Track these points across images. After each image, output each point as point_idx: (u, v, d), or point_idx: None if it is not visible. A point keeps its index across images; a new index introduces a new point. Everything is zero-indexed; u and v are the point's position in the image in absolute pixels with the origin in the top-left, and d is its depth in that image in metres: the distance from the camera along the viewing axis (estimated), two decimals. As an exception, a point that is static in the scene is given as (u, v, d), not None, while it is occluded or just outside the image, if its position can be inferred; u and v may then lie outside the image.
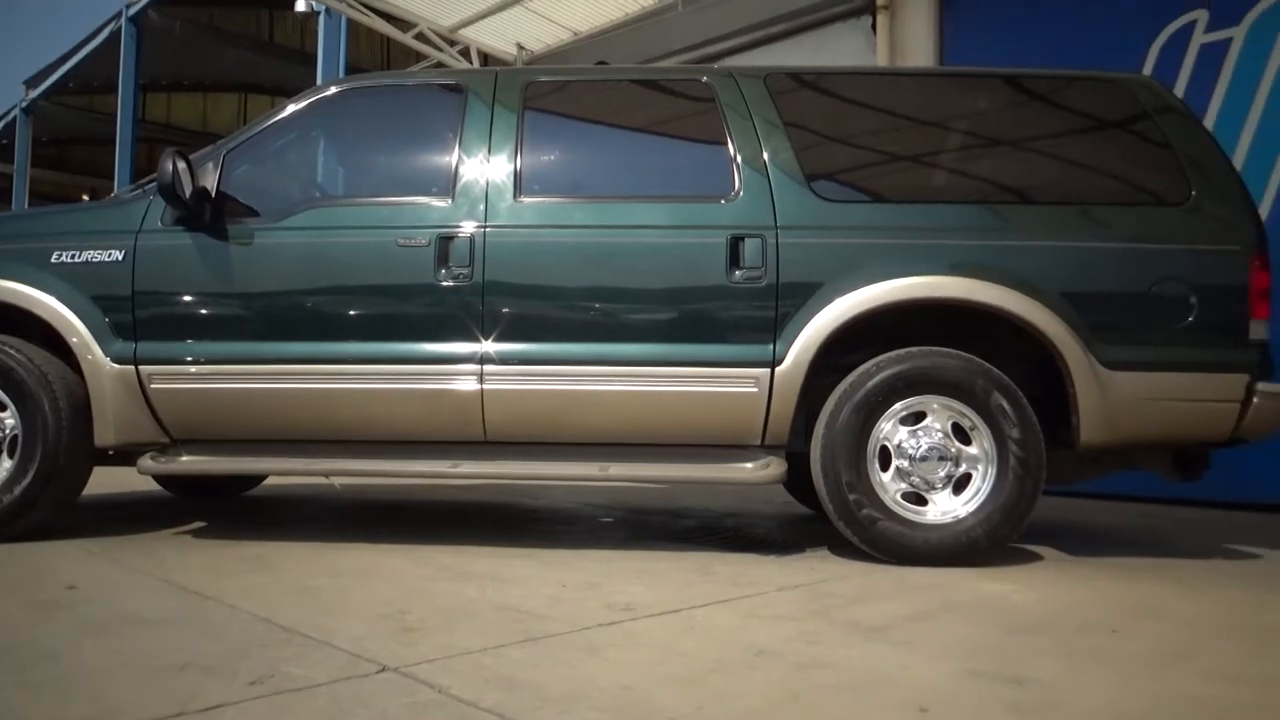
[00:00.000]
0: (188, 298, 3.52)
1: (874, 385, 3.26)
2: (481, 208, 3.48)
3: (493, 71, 3.86)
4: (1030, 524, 3.30)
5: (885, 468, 3.29)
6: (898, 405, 3.28)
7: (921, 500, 3.28)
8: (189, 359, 3.48)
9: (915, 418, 3.30)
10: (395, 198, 3.61)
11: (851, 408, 3.27)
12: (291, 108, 3.73)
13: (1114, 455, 3.54)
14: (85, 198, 18.69)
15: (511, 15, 8.41)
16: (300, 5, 9.85)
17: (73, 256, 3.53)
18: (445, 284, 3.42)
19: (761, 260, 3.35)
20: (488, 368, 3.39)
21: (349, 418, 3.49)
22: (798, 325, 3.32)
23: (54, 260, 3.53)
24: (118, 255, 3.52)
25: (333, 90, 3.84)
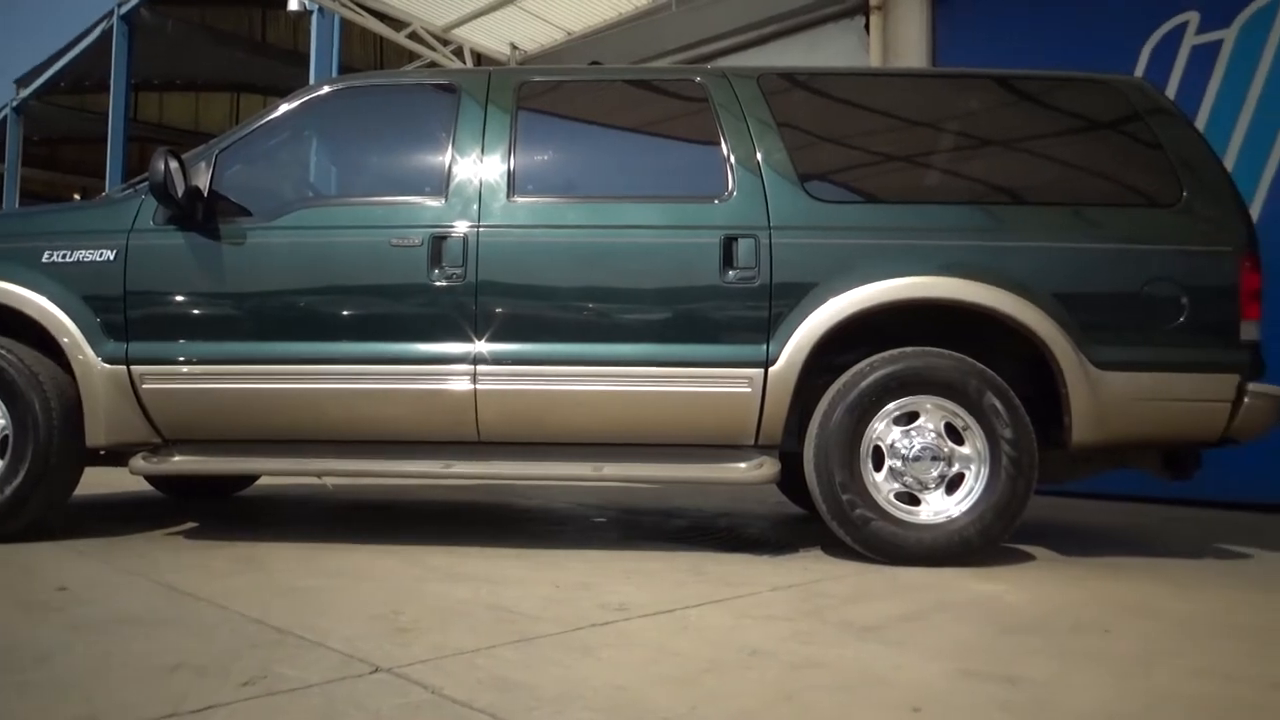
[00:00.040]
0: (180, 297, 3.51)
1: (867, 385, 3.27)
2: (475, 207, 3.48)
3: (486, 71, 3.86)
4: (1022, 523, 3.31)
5: (878, 468, 3.30)
6: (891, 405, 3.29)
7: (914, 500, 3.29)
8: (181, 359, 3.47)
9: (908, 418, 3.30)
10: (388, 197, 3.61)
11: (845, 408, 3.27)
12: (284, 107, 3.72)
13: (1105, 455, 3.56)
14: (76, 197, 18.63)
15: (505, 15, 8.40)
16: (293, 4, 9.84)
17: (64, 256, 3.52)
18: (438, 284, 3.41)
19: (755, 260, 3.36)
20: (481, 368, 3.39)
21: (341, 418, 3.48)
22: (791, 325, 3.32)
23: (45, 260, 3.52)
24: (109, 255, 3.51)
25: (326, 90, 3.83)
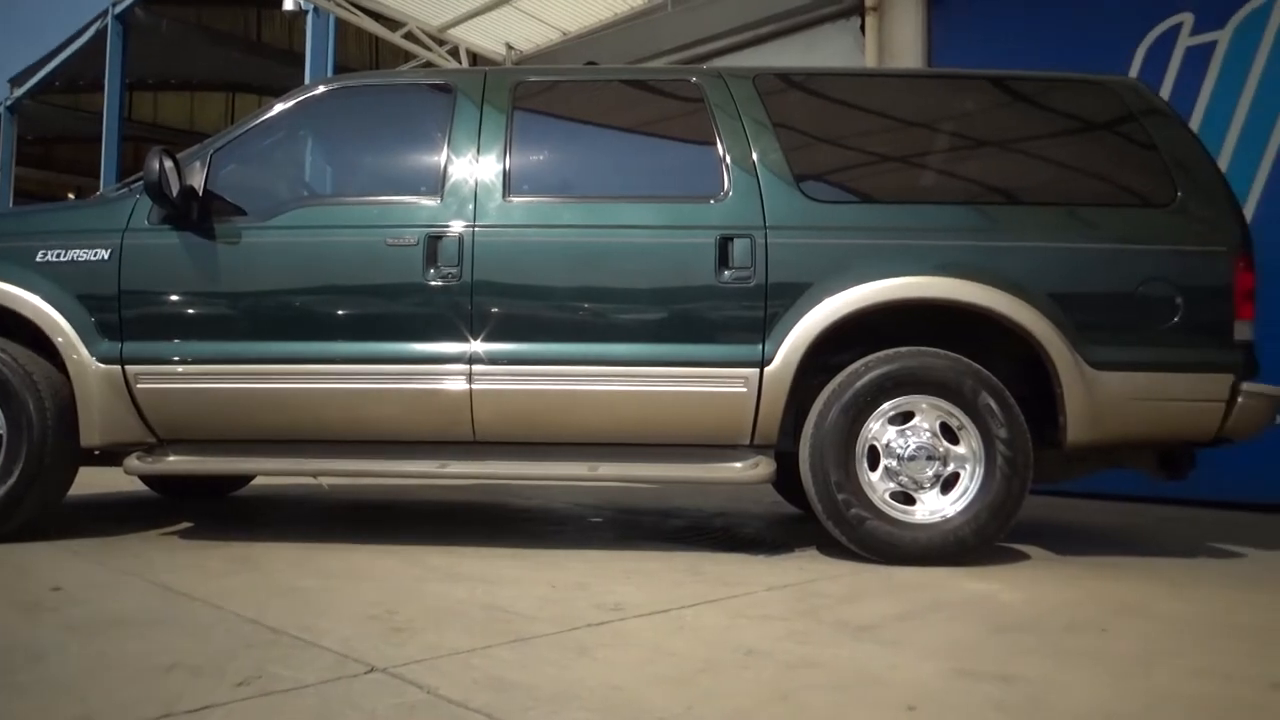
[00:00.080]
0: (174, 297, 3.51)
1: (862, 385, 3.27)
2: (470, 207, 3.48)
3: (482, 71, 3.86)
4: (1017, 523, 3.31)
5: (874, 467, 3.30)
6: (886, 405, 3.29)
7: (910, 500, 3.29)
8: (176, 359, 3.46)
9: (904, 417, 3.31)
10: (384, 197, 3.60)
11: (840, 408, 3.28)
12: (279, 107, 3.72)
13: (1100, 454, 3.57)
14: (71, 196, 18.58)
15: (500, 15, 8.40)
16: (288, 4, 9.81)
17: (58, 255, 3.51)
18: (434, 284, 3.41)
19: (750, 260, 3.36)
20: (476, 368, 3.38)
21: (337, 418, 3.48)
22: (786, 325, 3.32)
23: (39, 259, 3.51)
24: (104, 254, 3.50)
25: (321, 89, 3.82)
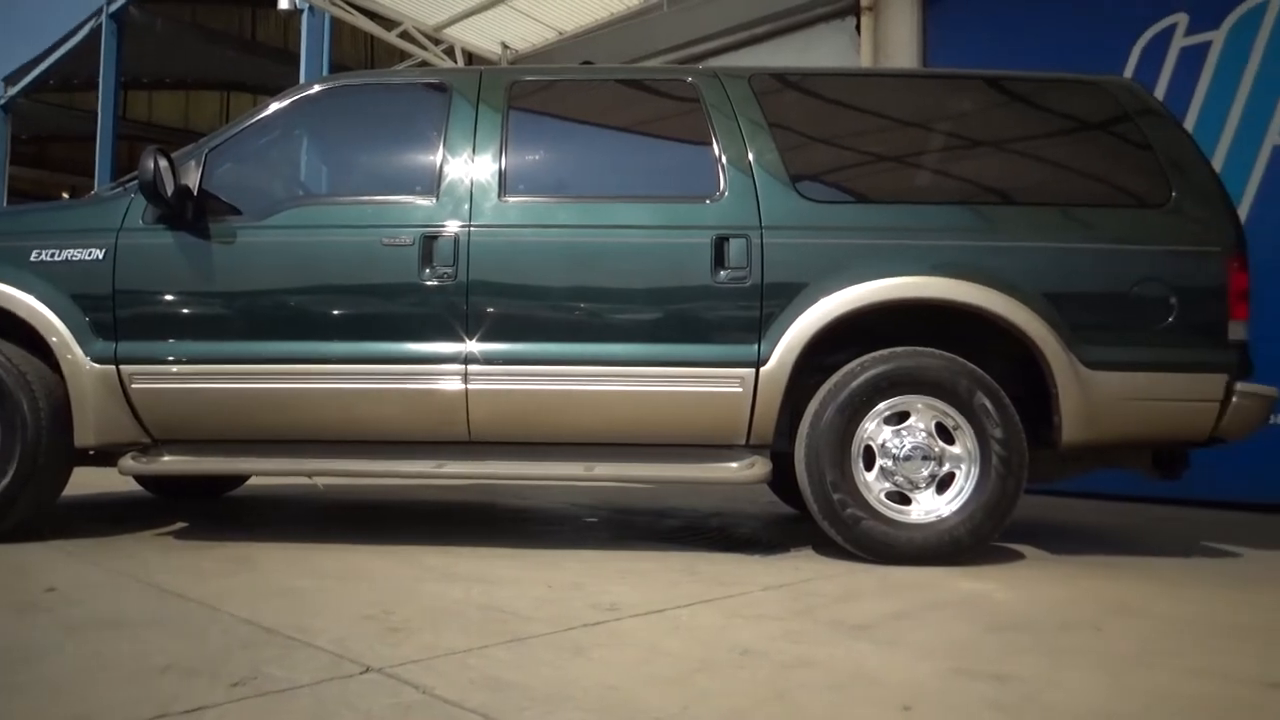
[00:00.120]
0: (169, 297, 3.50)
1: (858, 385, 3.28)
2: (466, 207, 3.47)
3: (477, 71, 3.86)
4: (1012, 522, 3.32)
5: (869, 467, 3.30)
6: (882, 405, 3.30)
7: (905, 499, 3.30)
8: (171, 358, 3.45)
9: (899, 417, 3.31)
10: (379, 197, 3.60)
11: (836, 407, 3.28)
12: (275, 106, 3.71)
13: (1095, 454, 3.57)
14: (65, 195, 18.53)
15: (496, 14, 8.39)
16: (283, 3, 9.78)
17: (52, 255, 3.50)
18: (429, 283, 3.41)
19: (746, 260, 3.36)
20: (472, 367, 3.38)
21: (332, 418, 3.47)
22: (782, 325, 3.33)
23: (33, 259, 3.50)
24: (98, 254, 3.49)
25: (316, 89, 3.82)
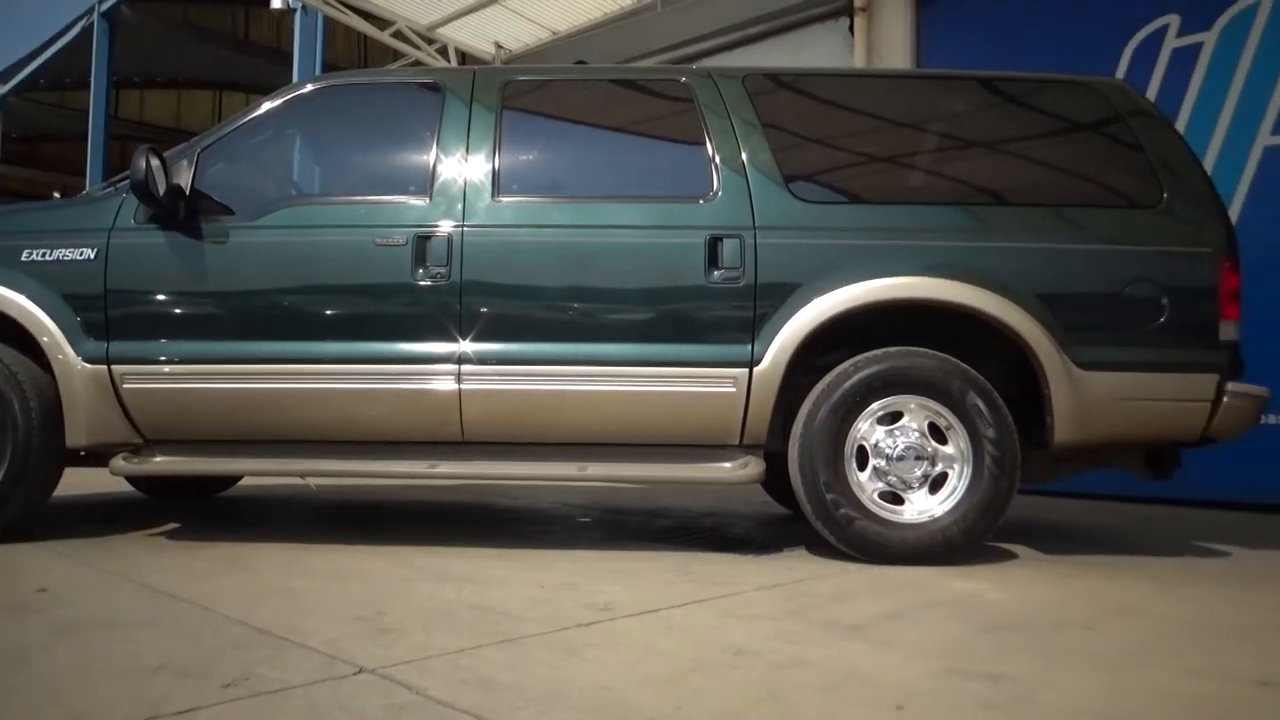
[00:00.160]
0: (161, 297, 3.49)
1: (851, 385, 3.28)
2: (459, 207, 3.47)
3: (471, 70, 3.85)
4: (1005, 522, 3.32)
5: (862, 467, 3.31)
6: (875, 405, 3.30)
7: (898, 499, 3.30)
8: (162, 359, 3.44)
9: (892, 417, 3.32)
10: (372, 197, 3.59)
11: (829, 408, 3.28)
12: (267, 105, 3.70)
13: (1087, 454, 3.59)
14: (56, 195, 18.45)
15: (490, 14, 8.38)
16: (276, 2, 9.76)
17: (44, 255, 3.49)
18: (423, 283, 3.40)
19: (740, 261, 3.36)
20: (465, 368, 3.38)
21: (325, 418, 3.46)
22: (776, 325, 3.33)
23: (24, 258, 3.48)
24: (90, 253, 3.48)
25: (309, 88, 3.81)
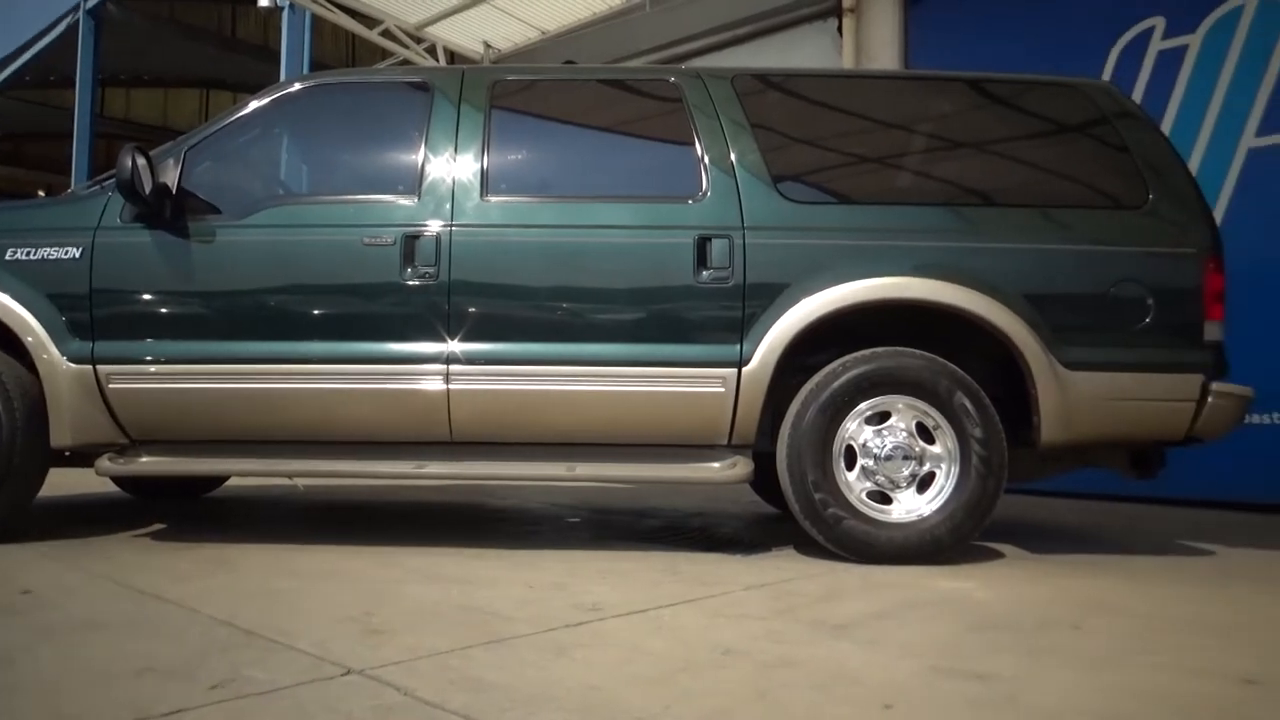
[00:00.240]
0: (147, 296, 3.47)
1: (839, 385, 3.29)
2: (448, 207, 3.46)
3: (460, 70, 3.84)
4: (992, 521, 3.34)
5: (850, 467, 3.32)
6: (863, 405, 3.31)
7: (886, 499, 3.31)
8: (148, 358, 3.42)
9: (880, 417, 3.33)
10: (360, 196, 3.58)
11: (817, 408, 3.29)
12: (255, 104, 3.68)
13: (1073, 454, 3.61)
14: (41, 194, 18.31)
15: (479, 13, 8.37)
16: (264, 0, 9.72)
17: (28, 254, 3.46)
18: (411, 283, 3.39)
19: (728, 261, 3.37)
20: (454, 368, 3.37)
21: (313, 418, 3.45)
22: (764, 325, 3.33)
23: (8, 257, 3.45)
24: (75, 253, 3.45)
25: (297, 87, 3.79)
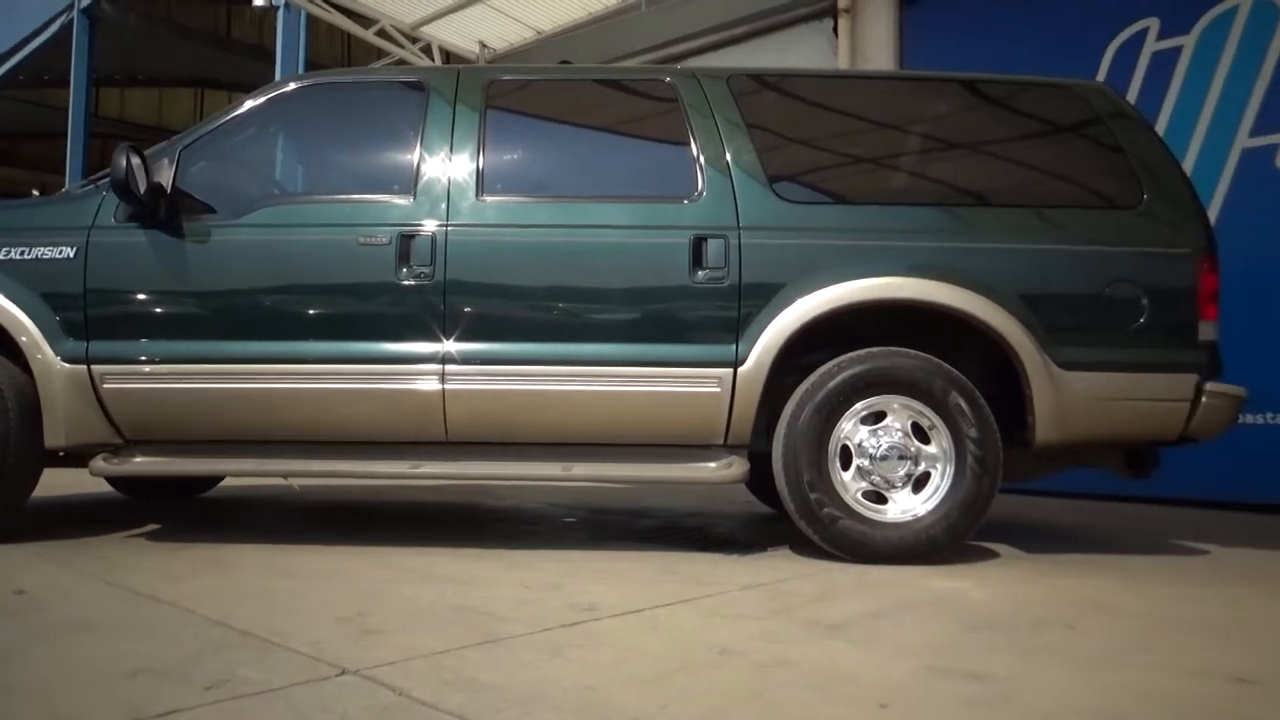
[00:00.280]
0: (142, 296, 3.46)
1: (835, 385, 3.29)
2: (443, 206, 3.46)
3: (455, 69, 3.84)
4: (987, 521, 3.35)
5: (846, 467, 3.32)
6: (858, 405, 3.31)
7: (881, 499, 3.32)
8: (143, 358, 3.41)
9: (875, 417, 3.33)
10: (355, 196, 3.57)
11: (813, 408, 3.29)
12: (250, 103, 3.68)
13: (1068, 453, 3.61)
14: (35, 193, 18.25)
15: (474, 13, 8.36)
16: (259, -1, 9.71)
17: (22, 253, 3.45)
18: (406, 283, 3.39)
19: (724, 261, 3.37)
20: (449, 367, 3.37)
21: (308, 418, 3.44)
22: (760, 325, 3.34)
23: (2, 257, 3.44)
24: (69, 252, 3.45)
25: (292, 86, 3.78)
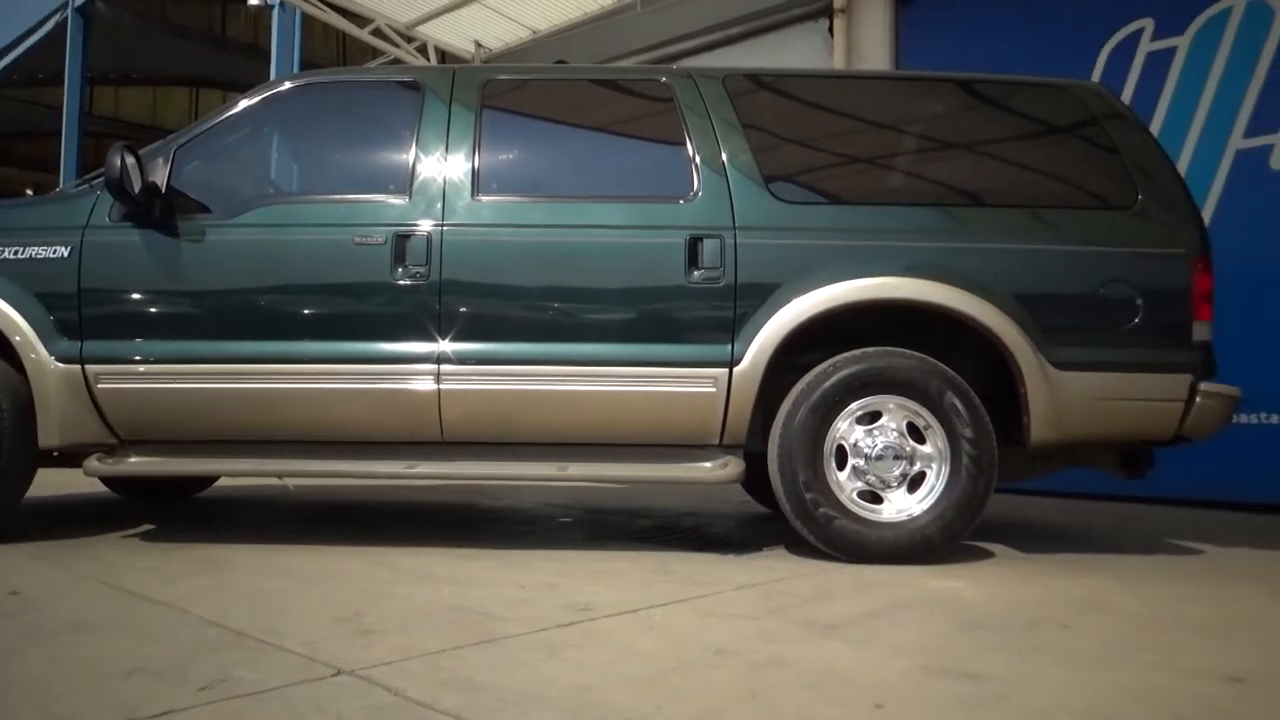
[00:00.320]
0: (136, 296, 3.45)
1: (830, 385, 3.30)
2: (439, 206, 3.46)
3: (450, 69, 3.84)
4: (982, 521, 3.35)
5: (841, 467, 3.33)
6: (854, 405, 3.32)
7: (877, 499, 3.32)
8: (137, 358, 3.40)
9: (871, 417, 3.34)
10: (351, 195, 3.57)
11: (808, 407, 3.30)
12: (245, 103, 3.67)
13: (1063, 453, 3.62)
14: (29, 193, 18.21)
15: (470, 12, 8.35)
16: (253, -2, 9.69)
17: (15, 253, 3.44)
18: (402, 283, 3.38)
19: (720, 261, 3.37)
20: (445, 367, 3.36)
21: (303, 418, 3.44)
22: (755, 325, 3.34)
23: (-4, 256, 3.44)
24: (63, 252, 3.44)
25: (287, 85, 3.78)
